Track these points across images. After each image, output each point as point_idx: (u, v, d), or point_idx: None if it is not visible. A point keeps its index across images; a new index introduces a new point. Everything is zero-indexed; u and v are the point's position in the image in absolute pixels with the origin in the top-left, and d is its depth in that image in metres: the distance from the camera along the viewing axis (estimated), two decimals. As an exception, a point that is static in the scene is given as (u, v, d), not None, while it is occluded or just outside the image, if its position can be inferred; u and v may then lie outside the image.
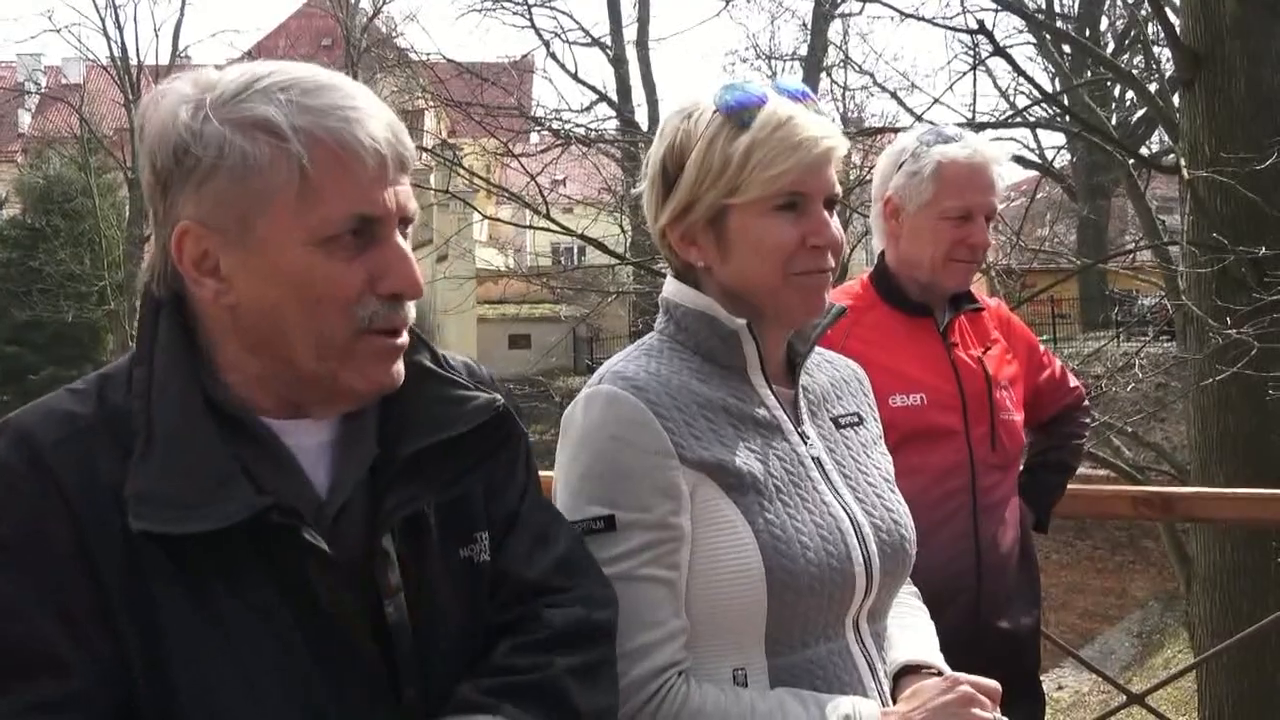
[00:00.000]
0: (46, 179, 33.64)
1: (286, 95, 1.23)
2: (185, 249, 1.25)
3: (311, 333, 1.25)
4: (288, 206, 1.22)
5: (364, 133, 1.23)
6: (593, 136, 14.34)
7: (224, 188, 1.22)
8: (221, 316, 1.27)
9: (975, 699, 1.58)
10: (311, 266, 1.23)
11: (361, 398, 1.31)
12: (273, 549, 1.21)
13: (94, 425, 1.21)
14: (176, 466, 1.19)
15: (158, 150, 1.24)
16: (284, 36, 38.20)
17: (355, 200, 1.24)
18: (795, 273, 1.64)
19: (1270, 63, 7.82)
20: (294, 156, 1.21)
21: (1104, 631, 17.64)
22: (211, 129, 1.22)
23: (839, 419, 1.78)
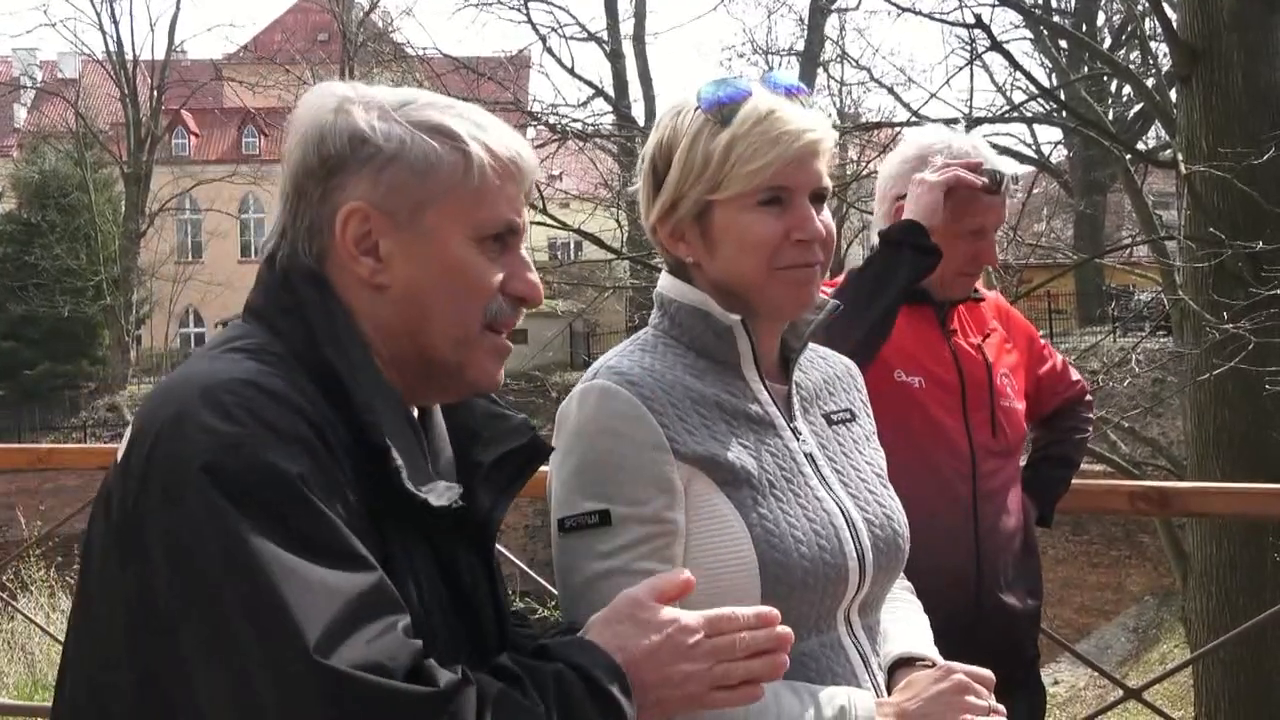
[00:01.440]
0: (42, 174, 33.63)
1: (456, 112, 1.39)
2: (350, 227, 1.34)
3: (452, 320, 1.36)
4: (460, 204, 1.35)
5: (527, 156, 1.41)
6: (589, 131, 14.34)
7: (403, 177, 1.34)
8: (364, 296, 1.35)
9: (970, 688, 1.59)
10: (467, 258, 1.36)
11: (475, 392, 1.44)
12: (434, 528, 1.32)
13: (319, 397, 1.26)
14: (404, 448, 1.28)
15: (329, 138, 1.34)
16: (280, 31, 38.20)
17: (510, 209, 1.39)
18: (780, 267, 1.64)
19: (1267, 58, 7.83)
20: (474, 161, 1.35)
21: (1100, 626, 17.68)
22: (395, 127, 1.35)
23: (831, 415, 1.79)
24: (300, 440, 1.19)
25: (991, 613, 2.45)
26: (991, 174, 2.50)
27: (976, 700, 1.58)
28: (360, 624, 1.13)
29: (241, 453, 1.16)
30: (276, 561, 1.12)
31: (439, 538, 1.33)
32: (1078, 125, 11.26)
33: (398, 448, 1.26)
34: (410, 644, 1.16)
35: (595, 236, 13.04)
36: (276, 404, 1.20)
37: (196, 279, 38.30)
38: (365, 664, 1.11)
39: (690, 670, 1.31)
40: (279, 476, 1.15)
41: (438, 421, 1.47)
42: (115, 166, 34.73)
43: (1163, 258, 10.44)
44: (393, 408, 1.30)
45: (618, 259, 14.97)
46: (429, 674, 1.16)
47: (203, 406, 1.18)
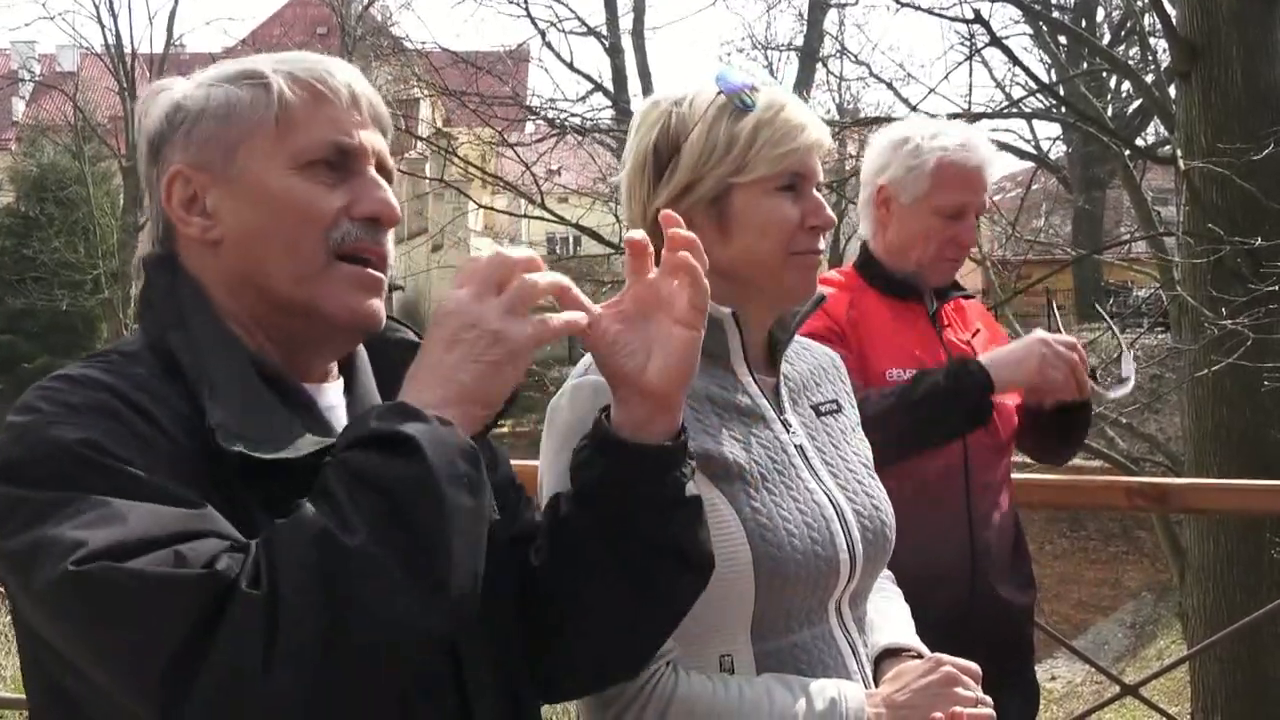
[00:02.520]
0: (40, 167, 33.56)
1: (269, 57, 1.37)
2: (175, 192, 1.33)
3: (288, 255, 1.30)
4: (268, 135, 1.31)
5: (338, 74, 1.35)
6: (588, 126, 14.33)
7: (209, 128, 1.32)
8: (208, 258, 1.33)
9: (957, 679, 1.61)
10: (290, 188, 1.31)
11: (345, 330, 1.35)
12: None
13: (150, 379, 1.24)
14: (245, 408, 1.23)
15: (152, 122, 1.36)
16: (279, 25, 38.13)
17: (331, 130, 1.33)
18: (795, 252, 1.68)
19: (1267, 54, 7.82)
20: (274, 90, 1.31)
21: (1097, 622, 17.69)
22: (200, 90, 1.34)
23: (819, 406, 1.80)
24: (96, 409, 1.17)
25: (985, 606, 2.46)
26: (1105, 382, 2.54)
27: (964, 692, 1.60)
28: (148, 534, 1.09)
29: (24, 437, 1.15)
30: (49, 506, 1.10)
31: None
32: (1077, 121, 11.26)
33: (226, 408, 1.20)
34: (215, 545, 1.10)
35: (594, 231, 13.04)
36: (77, 385, 1.20)
37: (195, 273, 38.26)
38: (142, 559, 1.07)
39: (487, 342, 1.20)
40: (52, 445, 1.13)
41: (362, 384, 1.41)
42: (114, 160, 34.62)
43: (1161, 254, 10.44)
44: (237, 372, 1.26)
45: (616, 253, 14.94)
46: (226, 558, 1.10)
47: (14, 412, 1.20)
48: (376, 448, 1.13)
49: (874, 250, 2.64)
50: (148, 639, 1.06)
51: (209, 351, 1.27)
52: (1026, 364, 2.38)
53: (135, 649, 1.06)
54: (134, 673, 1.07)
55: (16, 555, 1.11)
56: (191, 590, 1.06)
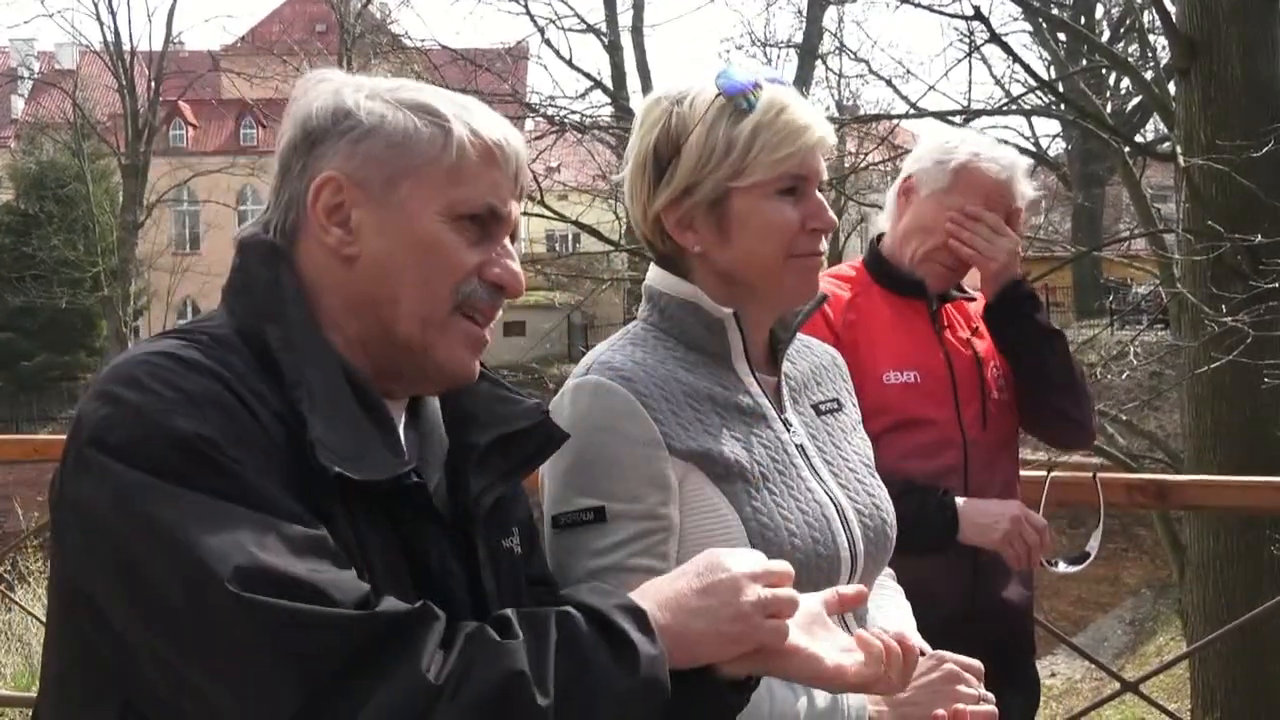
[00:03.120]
0: (40, 165, 33.59)
1: (446, 96, 1.37)
2: (323, 196, 1.32)
3: (420, 295, 1.32)
4: (435, 179, 1.32)
5: (514, 142, 1.38)
6: (587, 123, 14.31)
7: (379, 148, 1.32)
8: (333, 270, 1.33)
9: (960, 676, 1.61)
10: (440, 235, 1.32)
11: (446, 381, 1.38)
12: (400, 512, 1.27)
13: (250, 370, 1.23)
14: (338, 422, 1.23)
15: (314, 114, 1.34)
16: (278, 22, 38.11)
17: (491, 193, 1.35)
18: (795, 255, 1.66)
19: (1267, 51, 7.82)
20: (454, 137, 1.32)
21: (1097, 619, 17.71)
22: (376, 104, 1.34)
23: (819, 405, 1.80)
24: (213, 402, 1.16)
25: (986, 605, 2.47)
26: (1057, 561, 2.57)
27: (966, 689, 1.60)
28: (292, 555, 1.10)
29: (139, 419, 1.14)
30: (178, 508, 1.10)
31: (406, 522, 1.28)
32: (1076, 118, 11.25)
33: (322, 420, 1.21)
34: (358, 583, 1.12)
35: (593, 228, 13.05)
36: (190, 370, 1.18)
37: (194, 270, 38.18)
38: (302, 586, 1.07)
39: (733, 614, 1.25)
40: (179, 435, 1.13)
41: (431, 409, 1.44)
42: (113, 157, 34.63)
43: (1161, 250, 10.43)
44: (331, 381, 1.26)
45: (615, 251, 14.95)
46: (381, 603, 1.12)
47: (113, 381, 1.18)
48: (600, 630, 1.18)
49: (885, 242, 2.64)
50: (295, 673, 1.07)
51: (306, 354, 1.27)
52: (994, 530, 2.41)
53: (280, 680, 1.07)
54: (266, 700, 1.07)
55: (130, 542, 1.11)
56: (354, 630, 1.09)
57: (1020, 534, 2.42)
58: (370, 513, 1.24)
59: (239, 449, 1.15)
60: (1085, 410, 2.72)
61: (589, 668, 1.15)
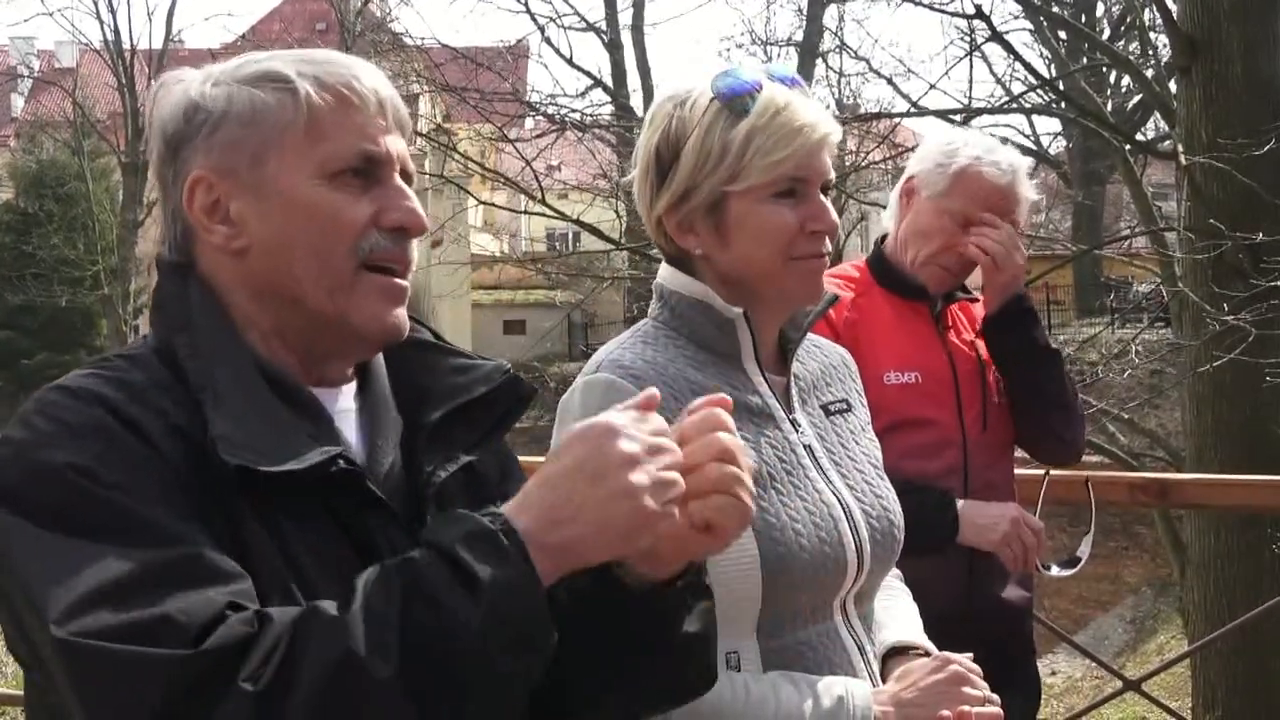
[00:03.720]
0: (40, 163, 33.56)
1: (289, 55, 1.32)
2: (196, 198, 1.29)
3: (319, 266, 1.28)
4: (296, 144, 1.28)
5: (365, 79, 1.32)
6: (588, 122, 14.31)
7: (233, 133, 1.28)
8: (231, 266, 1.30)
9: (965, 678, 1.61)
10: (319, 199, 1.28)
11: (371, 342, 1.34)
12: (337, 502, 1.24)
13: (150, 387, 1.22)
14: (248, 417, 1.21)
15: (168, 120, 1.31)
16: (278, 20, 38.05)
17: (359, 138, 1.30)
18: (795, 257, 1.65)
19: (1268, 49, 7.81)
20: (300, 96, 1.28)
21: (1097, 618, 17.70)
22: (220, 89, 1.30)
23: (829, 406, 1.79)
24: (93, 429, 1.15)
25: (983, 604, 2.47)
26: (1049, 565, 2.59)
27: (972, 690, 1.60)
28: (133, 591, 1.06)
29: (17, 457, 1.15)
30: (36, 543, 1.10)
31: (342, 510, 1.23)
32: (1077, 116, 11.25)
33: (233, 417, 1.19)
34: (212, 599, 1.07)
35: (593, 227, 13.04)
36: (74, 400, 1.18)
37: (194, 269, 38.28)
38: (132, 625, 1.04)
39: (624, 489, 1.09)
40: (44, 469, 1.13)
41: (379, 388, 1.38)
42: (113, 156, 34.59)
43: (1162, 249, 10.42)
44: (242, 378, 1.24)
45: (616, 249, 14.94)
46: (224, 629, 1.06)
47: (10, 425, 1.20)
48: (452, 570, 1.07)
49: (889, 244, 2.64)
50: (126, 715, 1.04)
51: (214, 357, 1.25)
52: (993, 531, 2.43)
53: None
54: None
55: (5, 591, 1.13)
56: (173, 672, 1.03)
57: (1018, 536, 2.42)
58: (302, 508, 1.20)
59: (115, 473, 1.13)
60: (1075, 431, 2.72)
61: (439, 613, 1.05)
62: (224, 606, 1.08)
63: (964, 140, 2.61)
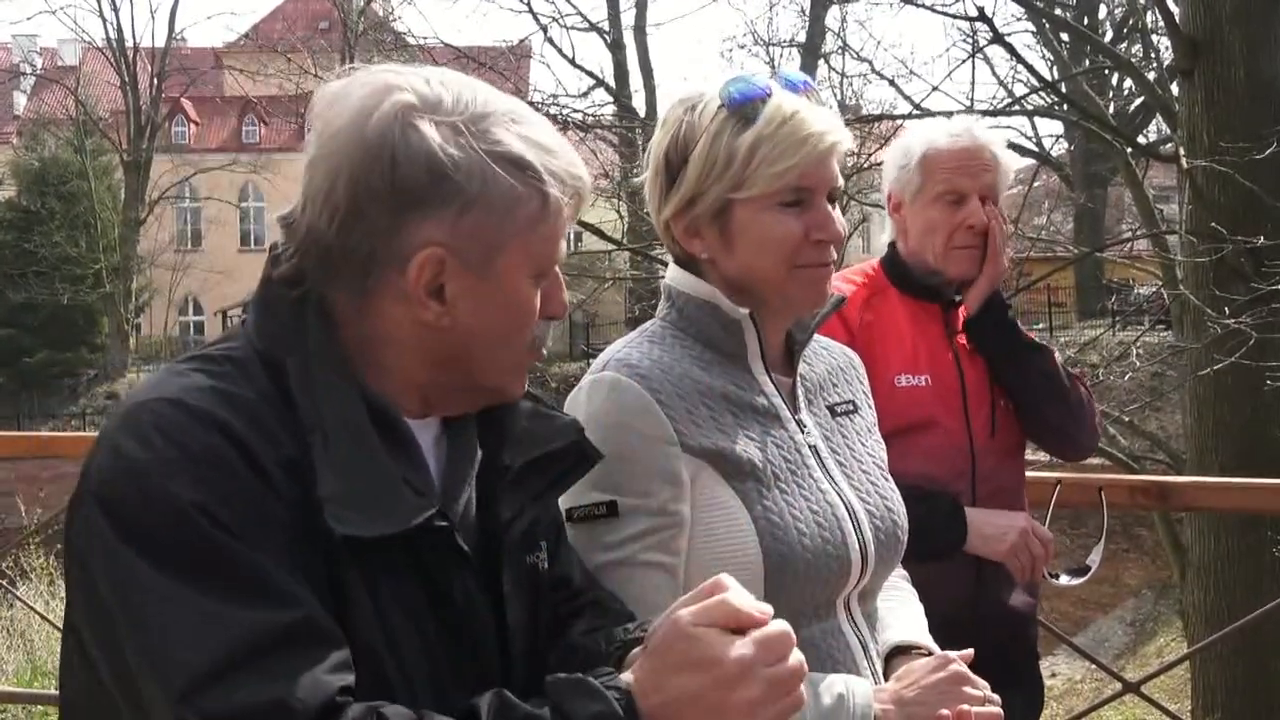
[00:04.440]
0: (42, 161, 33.58)
1: (521, 132, 1.28)
2: (425, 274, 1.25)
3: (506, 353, 1.32)
4: (531, 244, 1.28)
5: (585, 175, 1.33)
6: (590, 122, 14.31)
7: (483, 221, 1.25)
8: (420, 333, 1.28)
9: (967, 677, 1.61)
10: (530, 297, 1.31)
11: (504, 401, 1.38)
12: (421, 550, 1.23)
13: (262, 408, 1.20)
14: (354, 467, 1.20)
15: (404, 162, 1.22)
16: (280, 19, 38.09)
17: (560, 240, 1.33)
18: (799, 265, 1.66)
19: (1270, 52, 7.82)
20: (550, 201, 1.28)
21: (1097, 620, 17.71)
22: (471, 158, 1.24)
23: (835, 407, 1.80)
24: (213, 462, 1.14)
25: (989, 611, 2.46)
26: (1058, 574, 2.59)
27: (972, 690, 1.60)
28: (249, 664, 1.07)
29: (136, 478, 1.13)
30: (158, 591, 1.09)
31: (427, 561, 1.24)
32: (1079, 118, 11.26)
33: (338, 466, 1.18)
34: (324, 683, 1.08)
35: (596, 227, 13.02)
36: (196, 423, 1.15)
37: (196, 267, 38.28)
38: (250, 707, 1.05)
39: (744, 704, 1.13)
40: (171, 502, 1.11)
41: (466, 425, 1.39)
42: (115, 154, 34.65)
43: (1163, 252, 10.44)
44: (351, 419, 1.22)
45: (618, 250, 14.94)
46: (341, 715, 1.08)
47: (122, 431, 1.17)
48: None
49: (901, 249, 2.63)
50: None
51: (325, 389, 1.23)
52: (1001, 541, 2.43)
53: None
54: None
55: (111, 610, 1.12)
56: None
57: (1026, 546, 2.43)
58: (390, 555, 1.21)
59: (235, 515, 1.13)
60: (1078, 424, 2.69)
61: None
62: (336, 692, 1.09)
63: (912, 135, 2.62)
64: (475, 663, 1.28)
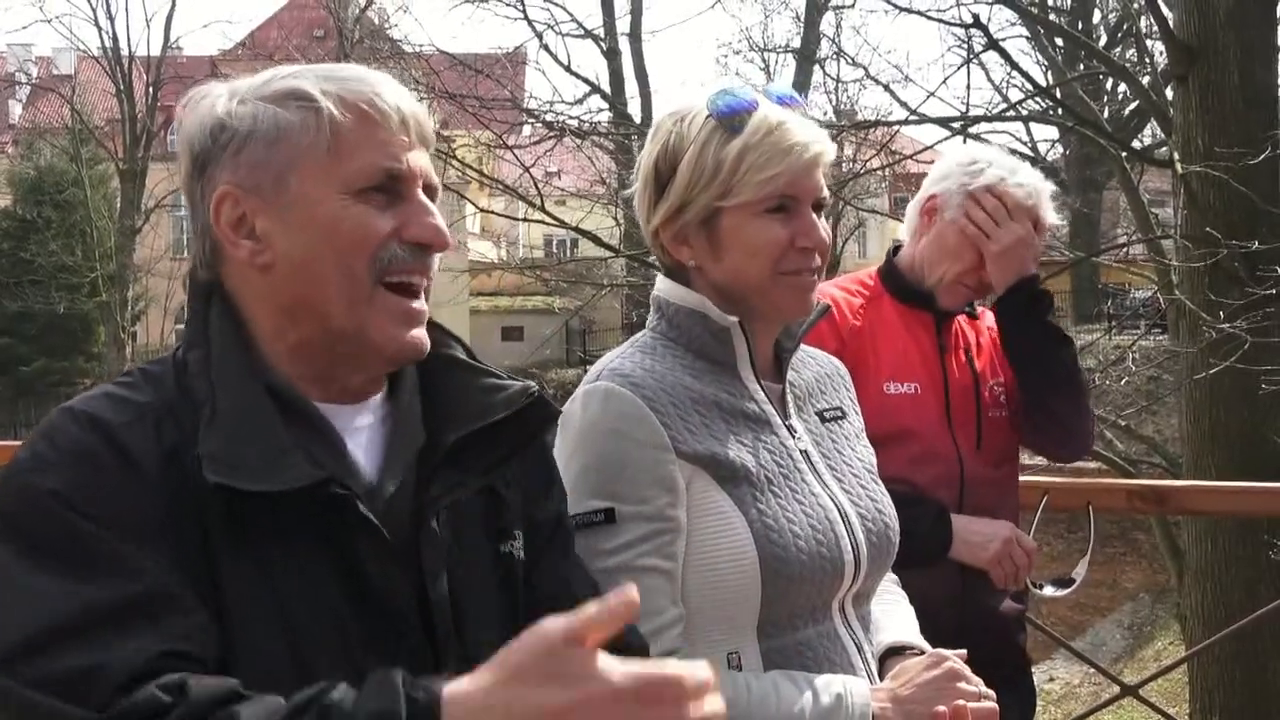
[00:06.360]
0: (38, 170, 33.53)
1: (313, 72, 1.35)
2: (222, 214, 1.32)
3: (340, 278, 1.31)
4: (320, 162, 1.30)
5: (388, 97, 1.33)
6: (586, 129, 14.32)
7: (259, 151, 1.31)
8: (256, 282, 1.33)
9: (961, 674, 1.64)
10: (344, 214, 1.30)
11: (389, 359, 1.36)
12: (327, 523, 1.25)
13: (156, 406, 1.26)
14: (241, 435, 1.24)
15: (195, 137, 1.34)
16: (276, 27, 38.11)
17: (382, 155, 1.32)
18: (784, 272, 1.69)
19: (1263, 57, 7.86)
20: (324, 114, 1.30)
21: (1095, 623, 17.71)
22: (245, 107, 1.32)
23: (823, 413, 1.83)
24: (80, 455, 1.20)
25: (976, 617, 2.46)
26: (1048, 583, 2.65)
27: (967, 686, 1.63)
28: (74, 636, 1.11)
29: (13, 477, 1.20)
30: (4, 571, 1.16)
31: (335, 534, 1.25)
32: (1074, 124, 11.27)
33: (227, 434, 1.22)
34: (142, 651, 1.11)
35: (592, 234, 13.06)
36: (73, 424, 1.22)
37: (192, 276, 38.24)
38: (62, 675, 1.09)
39: None
40: (29, 493, 1.18)
41: (406, 404, 1.39)
42: (111, 163, 34.59)
43: (1159, 256, 10.45)
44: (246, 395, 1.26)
45: (614, 256, 14.97)
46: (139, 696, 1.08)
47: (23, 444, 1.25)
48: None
49: (903, 256, 2.63)
50: None
51: (221, 373, 1.28)
52: (985, 549, 2.44)
53: None
54: None
55: None
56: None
57: (1010, 556, 2.44)
58: (290, 530, 1.23)
59: (93, 502, 1.18)
60: (1086, 421, 2.69)
61: None
62: (155, 658, 1.11)
63: (988, 160, 2.57)
64: (398, 638, 1.27)
